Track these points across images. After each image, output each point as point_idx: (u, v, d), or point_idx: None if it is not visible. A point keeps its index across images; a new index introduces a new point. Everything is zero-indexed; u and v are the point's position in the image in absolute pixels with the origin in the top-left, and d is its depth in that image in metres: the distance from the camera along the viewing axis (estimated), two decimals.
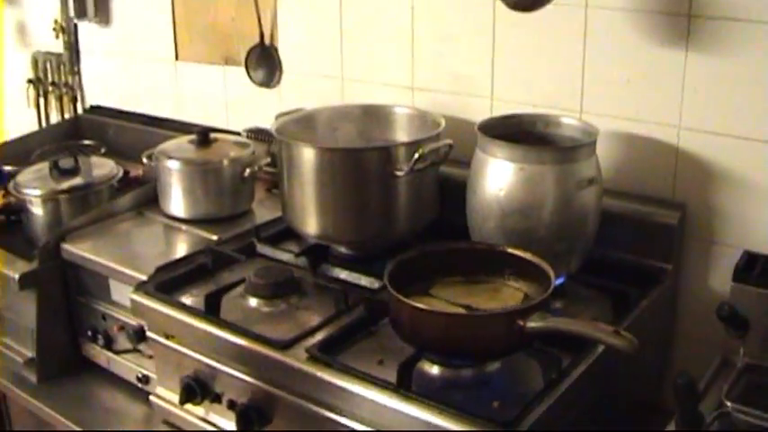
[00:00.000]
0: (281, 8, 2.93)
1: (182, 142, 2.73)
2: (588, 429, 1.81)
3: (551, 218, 2.01)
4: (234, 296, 2.09)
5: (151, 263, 2.31)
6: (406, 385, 1.69)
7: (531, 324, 1.64)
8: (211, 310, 2.01)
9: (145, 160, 2.73)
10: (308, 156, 2.22)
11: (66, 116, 3.79)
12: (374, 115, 2.57)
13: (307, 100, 2.76)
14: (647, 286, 2.10)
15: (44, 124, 3.89)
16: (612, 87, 2.27)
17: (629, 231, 2.20)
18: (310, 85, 2.91)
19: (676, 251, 2.20)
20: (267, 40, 2.96)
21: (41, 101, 3.88)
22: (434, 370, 1.79)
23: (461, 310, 1.80)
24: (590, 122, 2.18)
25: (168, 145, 2.72)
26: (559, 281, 1.97)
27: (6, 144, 3.43)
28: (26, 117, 3.92)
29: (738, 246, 2.12)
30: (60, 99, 3.80)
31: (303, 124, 2.48)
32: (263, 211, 2.69)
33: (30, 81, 3.88)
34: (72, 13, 3.54)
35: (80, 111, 3.77)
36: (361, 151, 2.30)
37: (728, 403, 1.80)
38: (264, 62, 2.99)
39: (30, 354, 2.62)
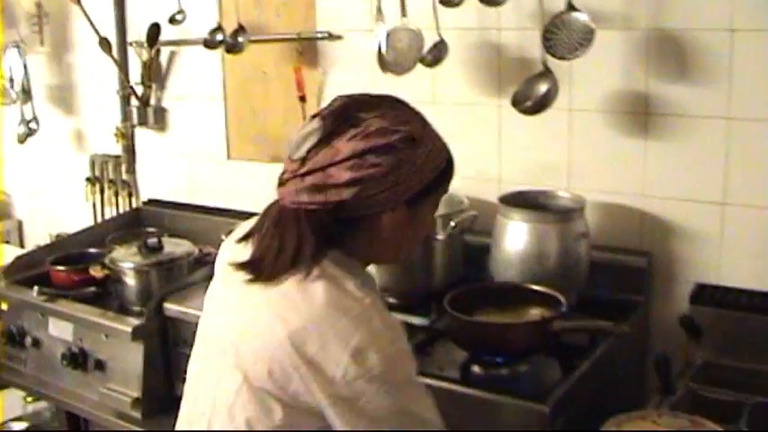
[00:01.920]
0: None
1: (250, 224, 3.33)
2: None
3: (556, 262, 2.73)
4: None
5: None
6: (467, 380, 2.41)
7: (557, 324, 2.38)
8: None
9: (224, 237, 3.34)
10: None
11: (121, 210, 4.43)
12: None
13: None
14: (625, 314, 2.76)
15: (98, 217, 4.54)
16: (592, 169, 3.00)
17: (610, 274, 2.90)
18: None
19: (646, 287, 2.91)
20: None
21: (97, 197, 4.54)
22: (478, 370, 2.49)
23: None
24: (578, 194, 2.91)
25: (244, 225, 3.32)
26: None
27: (81, 232, 4.06)
28: (82, 211, 4.58)
29: (691, 280, 2.84)
30: (116, 195, 4.45)
31: None
32: None
33: (88, 179, 4.54)
34: (135, 121, 4.22)
35: (136, 204, 4.40)
36: None
37: (692, 384, 2.53)
38: None
39: (135, 394, 3.17)
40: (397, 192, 1.74)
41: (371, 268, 2.05)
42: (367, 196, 1.72)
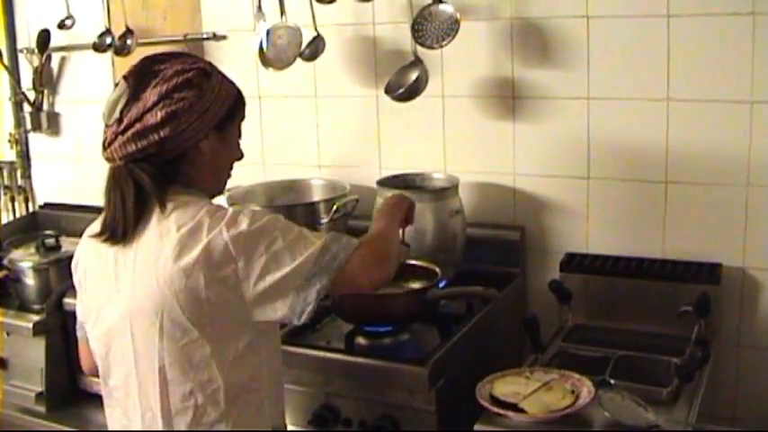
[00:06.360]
0: None
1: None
2: None
3: (433, 238, 2.90)
4: None
5: None
6: (351, 349, 2.56)
7: (432, 293, 2.56)
8: None
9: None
10: None
11: (18, 214, 4.45)
12: (296, 187, 3.40)
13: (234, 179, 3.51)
14: (503, 285, 2.95)
15: None
16: (466, 151, 3.19)
17: (487, 249, 3.09)
18: (236, 168, 3.66)
19: (520, 259, 3.11)
20: None
21: None
22: (363, 341, 2.64)
23: None
24: (452, 174, 3.09)
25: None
26: (443, 283, 2.80)
27: None
28: None
29: (561, 250, 3.04)
30: (12, 201, 4.47)
31: (244, 197, 3.26)
32: None
33: None
34: (28, 127, 4.27)
35: (32, 208, 4.43)
36: (294, 207, 3.12)
37: (563, 344, 2.72)
38: None
39: (39, 389, 3.25)
40: (206, 119, 1.97)
41: None
42: (183, 129, 1.94)
